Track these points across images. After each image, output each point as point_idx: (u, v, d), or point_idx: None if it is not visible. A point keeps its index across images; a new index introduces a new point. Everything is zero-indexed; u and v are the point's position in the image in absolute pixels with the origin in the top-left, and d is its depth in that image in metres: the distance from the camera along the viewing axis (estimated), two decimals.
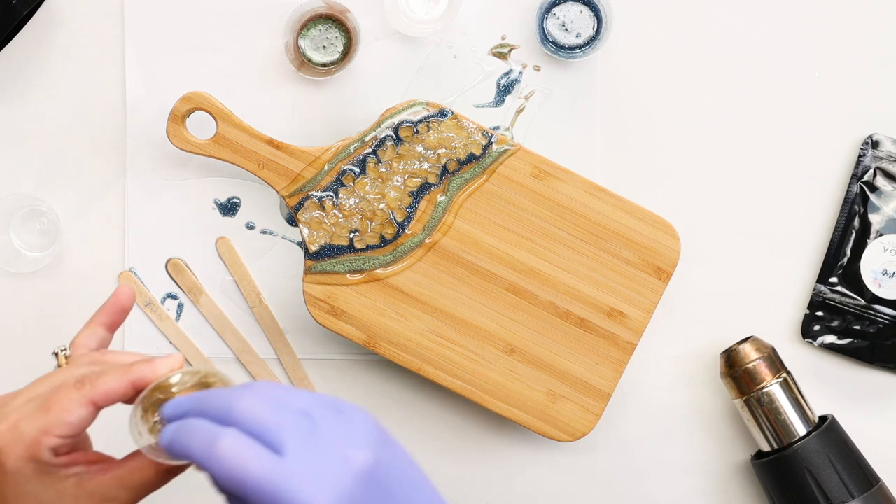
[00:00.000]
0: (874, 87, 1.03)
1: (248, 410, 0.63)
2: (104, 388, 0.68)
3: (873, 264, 1.01)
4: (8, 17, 0.97)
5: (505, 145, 0.98)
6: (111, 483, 0.70)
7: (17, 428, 0.68)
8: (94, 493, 0.69)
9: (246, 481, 0.61)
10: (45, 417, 0.68)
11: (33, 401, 0.69)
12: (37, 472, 0.68)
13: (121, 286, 0.77)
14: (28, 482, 0.68)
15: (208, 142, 0.98)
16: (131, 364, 0.69)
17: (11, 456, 0.68)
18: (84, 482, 0.69)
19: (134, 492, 0.70)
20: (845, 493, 0.95)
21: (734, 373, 0.98)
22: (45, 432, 0.68)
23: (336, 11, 0.99)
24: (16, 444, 0.68)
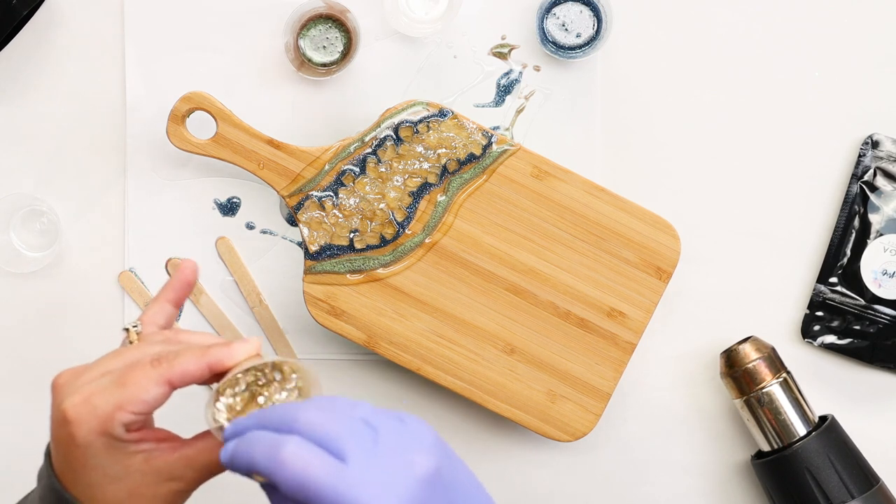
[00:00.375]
0: (874, 87, 1.03)
1: (311, 421, 0.63)
2: (181, 368, 0.68)
3: (873, 264, 1.01)
4: (8, 17, 0.97)
5: (505, 145, 0.98)
6: (179, 462, 0.70)
7: (90, 401, 0.68)
8: (162, 470, 0.70)
9: (311, 487, 0.61)
10: (120, 393, 0.68)
11: (108, 375, 0.69)
12: (107, 446, 0.69)
13: (186, 261, 0.77)
14: (97, 455, 0.69)
15: (208, 142, 0.98)
16: (209, 346, 0.70)
17: (84, 428, 0.68)
18: (152, 459, 0.70)
19: (200, 472, 0.70)
20: (845, 493, 0.95)
21: (734, 373, 0.98)
22: (120, 408, 0.68)
23: (336, 11, 0.99)
24: (89, 417, 0.68)
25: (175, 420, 0.78)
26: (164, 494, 0.70)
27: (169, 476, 0.70)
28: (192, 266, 0.77)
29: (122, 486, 0.69)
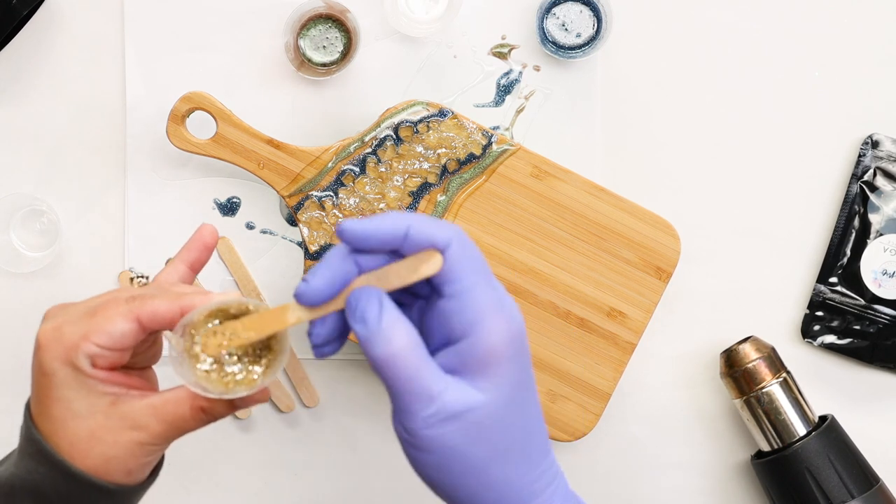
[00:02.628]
0: (874, 87, 1.03)
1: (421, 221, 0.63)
2: (152, 307, 0.67)
3: (873, 264, 1.01)
4: (8, 17, 0.97)
5: (505, 145, 0.98)
6: (144, 410, 0.68)
7: (60, 329, 0.68)
8: (126, 415, 0.68)
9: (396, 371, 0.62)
10: (88, 323, 0.67)
11: (84, 308, 0.69)
12: (73, 378, 0.67)
13: (204, 224, 0.76)
14: (62, 386, 0.68)
15: (208, 142, 0.98)
16: (185, 292, 0.69)
17: (49, 355, 0.68)
18: (119, 402, 0.68)
19: (166, 425, 0.68)
20: (845, 493, 0.95)
21: (734, 373, 0.98)
22: (85, 338, 0.67)
23: (336, 11, 0.99)
24: (55, 344, 0.67)
25: None
26: (125, 442, 0.68)
27: (132, 423, 0.68)
28: (211, 229, 0.75)
29: (84, 424, 0.68)
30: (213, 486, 1.03)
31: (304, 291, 0.63)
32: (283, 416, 1.03)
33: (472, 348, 0.62)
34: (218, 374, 0.67)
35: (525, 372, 0.64)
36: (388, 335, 0.61)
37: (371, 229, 0.62)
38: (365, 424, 1.03)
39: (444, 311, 0.63)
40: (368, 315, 0.62)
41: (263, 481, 1.03)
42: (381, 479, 1.03)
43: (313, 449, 1.03)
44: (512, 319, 0.63)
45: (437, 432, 0.62)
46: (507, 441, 0.63)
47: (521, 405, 0.64)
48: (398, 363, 0.61)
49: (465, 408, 0.62)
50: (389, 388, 0.62)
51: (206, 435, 1.02)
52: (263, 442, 1.03)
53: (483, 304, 0.62)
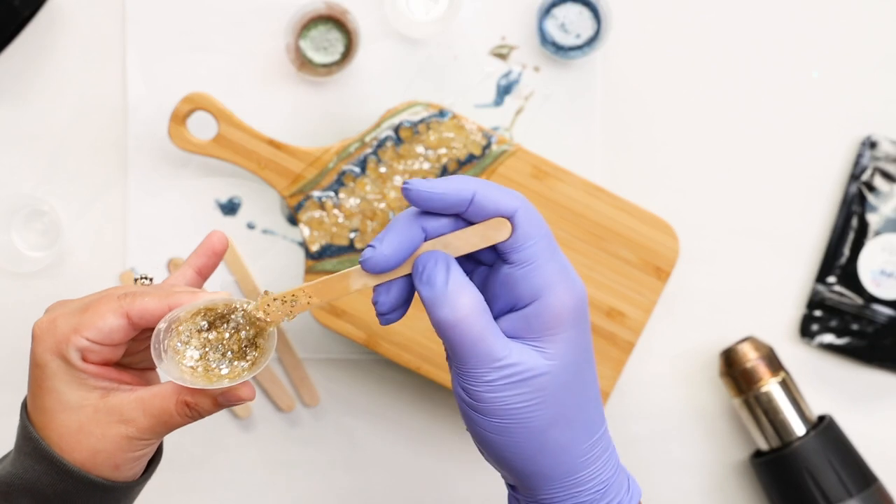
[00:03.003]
0: (872, 88, 1.03)
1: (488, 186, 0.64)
2: (142, 304, 0.68)
3: (871, 264, 1.02)
4: (10, 18, 0.97)
5: (504, 146, 0.98)
6: (132, 403, 0.69)
7: (54, 322, 0.69)
8: (114, 409, 0.68)
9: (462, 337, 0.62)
10: (79, 318, 0.68)
11: (80, 303, 0.70)
12: (64, 371, 0.68)
13: (214, 231, 0.76)
14: (53, 378, 0.69)
15: (209, 142, 0.98)
16: (176, 290, 0.69)
17: (41, 346, 0.69)
18: (108, 396, 0.69)
19: (152, 418, 0.69)
20: (843, 492, 0.95)
21: (733, 372, 0.99)
22: (75, 331, 0.68)
23: (336, 12, 0.99)
24: (48, 336, 0.68)
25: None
26: (113, 436, 0.68)
27: (120, 416, 0.68)
28: (221, 235, 0.75)
29: (74, 417, 0.68)
30: (213, 485, 1.03)
31: (370, 257, 0.64)
32: (283, 415, 1.03)
33: (538, 314, 0.63)
34: (203, 369, 0.67)
35: (586, 338, 0.65)
36: (454, 299, 0.62)
37: (438, 191, 0.63)
38: (365, 424, 1.03)
39: (511, 278, 0.64)
40: (436, 278, 0.62)
41: (264, 480, 1.03)
42: (381, 479, 1.03)
43: (313, 449, 1.03)
44: (576, 286, 0.64)
45: (500, 395, 0.62)
46: (567, 406, 0.64)
47: (582, 371, 0.65)
48: (464, 327, 0.62)
49: (529, 372, 0.62)
50: (454, 352, 0.63)
51: (207, 434, 1.02)
52: (264, 441, 1.03)
53: (550, 271, 0.63)
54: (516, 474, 0.65)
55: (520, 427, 0.63)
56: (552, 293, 0.63)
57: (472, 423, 0.64)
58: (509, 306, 0.64)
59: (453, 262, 0.63)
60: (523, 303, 0.63)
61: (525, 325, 0.63)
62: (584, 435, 0.65)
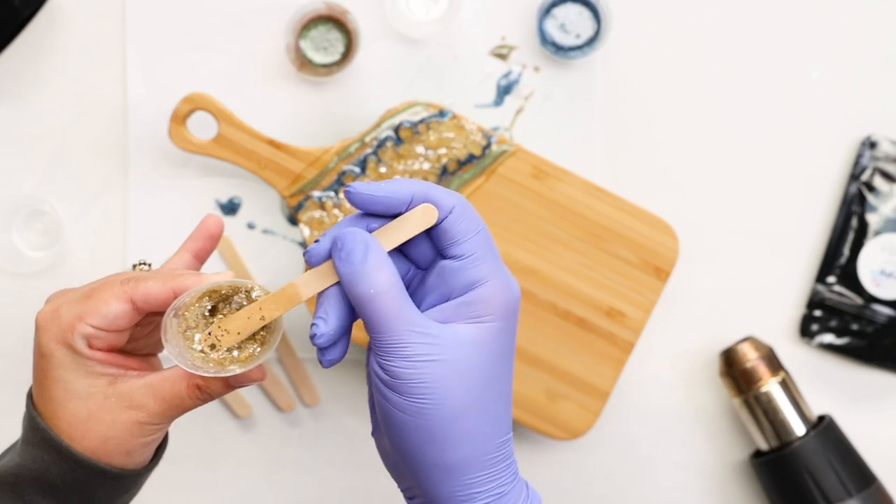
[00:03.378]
0: (872, 88, 1.04)
1: None
2: (145, 288, 0.68)
3: (871, 264, 1.02)
4: (10, 18, 0.98)
5: (504, 146, 0.98)
6: (142, 389, 0.69)
7: (57, 311, 0.69)
8: (124, 395, 0.68)
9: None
10: (83, 305, 0.68)
11: (82, 291, 0.70)
12: (70, 359, 0.68)
13: (209, 214, 0.76)
14: (60, 367, 0.69)
15: (209, 142, 0.98)
16: (178, 274, 0.69)
17: (46, 336, 0.69)
18: (116, 383, 0.69)
19: (164, 403, 0.69)
20: (843, 492, 0.95)
21: (733, 372, 0.99)
22: (80, 318, 0.68)
23: (336, 13, 0.99)
24: (52, 325, 0.68)
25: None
26: (123, 422, 0.68)
27: (130, 402, 0.68)
28: (216, 219, 0.75)
29: (83, 405, 0.68)
30: (213, 485, 1.03)
31: (311, 250, 0.65)
32: (283, 415, 1.03)
33: (469, 302, 0.64)
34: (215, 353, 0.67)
35: (510, 339, 0.66)
36: (373, 275, 0.63)
37: (378, 193, 0.64)
38: (365, 424, 1.03)
39: (448, 270, 0.65)
40: (354, 255, 0.63)
41: (264, 480, 1.03)
42: (381, 479, 1.03)
43: (314, 448, 1.03)
44: (510, 284, 0.65)
45: (416, 372, 0.62)
46: (480, 395, 0.64)
47: (500, 366, 0.65)
48: (382, 301, 0.63)
49: (447, 348, 0.63)
50: (372, 326, 0.63)
51: (208, 434, 1.02)
52: (264, 441, 1.03)
53: (486, 264, 0.65)
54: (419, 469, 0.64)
55: (432, 407, 0.63)
56: (486, 285, 0.64)
57: (387, 402, 0.63)
58: (443, 299, 0.65)
59: (373, 240, 0.64)
60: (456, 293, 0.65)
61: (454, 312, 0.64)
62: (492, 431, 0.65)
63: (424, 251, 0.67)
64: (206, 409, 1.02)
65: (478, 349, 0.64)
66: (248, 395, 1.03)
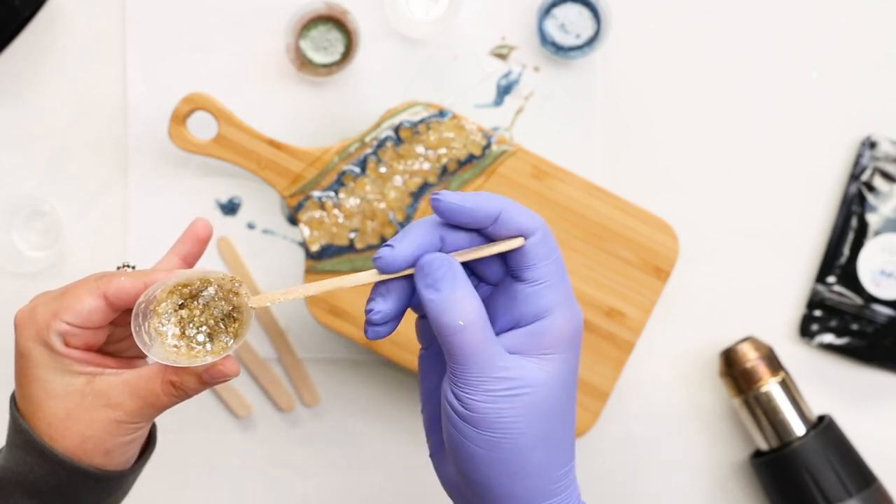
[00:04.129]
0: (872, 88, 1.04)
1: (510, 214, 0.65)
2: (118, 284, 0.68)
3: (871, 264, 1.02)
4: (10, 18, 0.98)
5: (504, 146, 0.98)
6: (119, 387, 0.69)
7: (34, 310, 0.69)
8: (101, 393, 0.68)
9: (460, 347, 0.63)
10: (58, 302, 0.68)
11: (59, 290, 0.70)
12: (48, 358, 0.68)
13: (198, 218, 0.76)
14: (38, 366, 0.69)
15: (209, 142, 0.98)
16: (152, 270, 0.69)
17: (23, 335, 0.69)
18: (94, 381, 0.69)
19: (140, 401, 0.68)
20: (843, 492, 0.95)
21: (733, 372, 0.99)
22: (55, 315, 0.68)
23: (336, 13, 0.99)
24: (29, 323, 0.69)
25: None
26: (101, 420, 0.68)
27: (107, 401, 0.68)
28: (204, 222, 0.75)
29: (61, 404, 0.68)
30: (213, 485, 1.03)
31: (386, 255, 0.64)
32: (283, 415, 1.03)
33: (542, 332, 0.64)
34: (186, 348, 0.67)
35: (577, 365, 0.66)
36: (461, 305, 0.62)
37: (467, 205, 0.64)
38: (365, 424, 1.03)
39: (520, 294, 0.65)
40: (442, 283, 0.63)
41: (264, 480, 1.03)
42: (382, 479, 1.03)
43: (313, 448, 1.03)
44: (577, 312, 0.65)
45: (497, 407, 0.62)
46: (554, 427, 0.64)
47: (570, 396, 0.66)
48: (468, 334, 0.62)
49: (528, 385, 0.63)
50: (454, 358, 0.63)
51: (207, 434, 1.02)
52: (264, 441, 1.03)
53: (558, 293, 0.64)
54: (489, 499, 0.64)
55: (508, 442, 0.63)
56: (557, 313, 0.64)
57: (461, 435, 0.63)
58: (511, 324, 0.65)
59: (459, 268, 0.63)
60: (527, 321, 0.64)
61: (526, 341, 0.64)
62: (563, 459, 0.65)
63: (495, 269, 0.67)
64: (207, 410, 1.02)
65: (552, 382, 0.64)
66: (248, 395, 1.03)
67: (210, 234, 0.75)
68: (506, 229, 0.64)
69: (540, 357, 0.64)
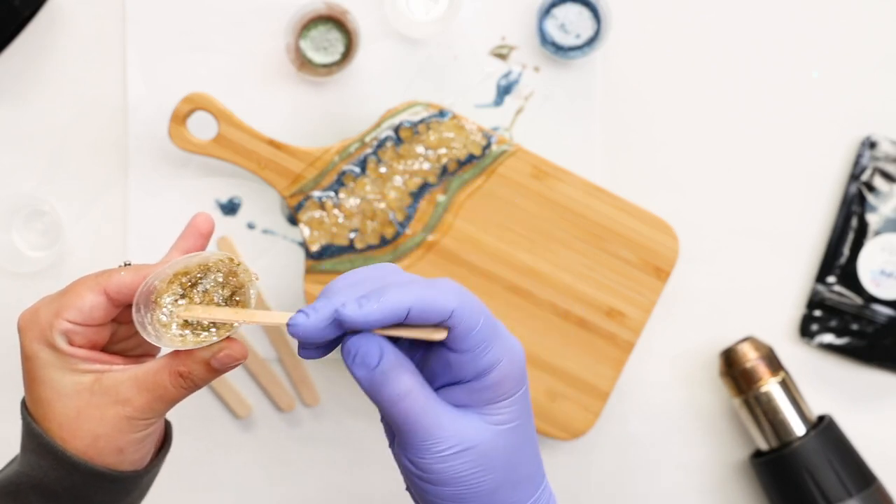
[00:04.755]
0: (872, 88, 1.04)
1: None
2: (118, 279, 0.68)
3: (871, 264, 1.02)
4: (10, 18, 0.98)
5: (504, 146, 0.98)
6: (126, 382, 0.68)
7: (37, 311, 0.69)
8: (110, 390, 0.68)
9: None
10: (59, 301, 0.68)
11: (60, 291, 0.70)
12: (54, 358, 0.68)
13: (199, 213, 0.75)
14: (45, 367, 0.68)
15: (209, 142, 0.98)
16: (151, 264, 0.69)
17: (28, 337, 0.68)
18: (102, 379, 0.68)
19: (148, 394, 0.68)
20: (843, 492, 0.95)
21: (733, 372, 0.99)
22: (57, 315, 0.68)
23: (336, 13, 0.99)
24: (32, 325, 0.68)
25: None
26: (111, 417, 0.68)
27: (116, 397, 0.68)
28: (205, 216, 0.74)
29: (71, 403, 0.68)
30: (213, 485, 1.03)
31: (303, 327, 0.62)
32: (283, 415, 1.03)
33: (484, 388, 0.64)
34: (192, 335, 0.67)
35: (526, 396, 0.66)
36: (392, 377, 0.62)
37: (373, 319, 0.61)
38: (365, 424, 1.03)
39: (456, 362, 0.64)
40: (369, 360, 0.62)
41: (264, 480, 1.03)
42: (382, 479, 1.03)
43: (314, 448, 1.03)
44: (516, 352, 0.65)
45: (450, 465, 0.63)
46: (513, 466, 0.65)
47: (525, 432, 0.66)
48: (408, 402, 0.62)
49: (476, 440, 0.63)
50: (400, 428, 0.63)
51: (207, 434, 1.02)
52: (264, 441, 1.03)
53: (493, 353, 0.64)
54: None
55: (470, 492, 0.63)
56: (497, 369, 0.63)
57: (424, 493, 0.64)
58: (452, 380, 0.64)
59: (385, 342, 0.62)
60: (468, 378, 0.64)
61: (469, 396, 0.64)
62: (530, 490, 0.66)
63: None
64: (206, 410, 1.02)
65: (503, 430, 0.64)
66: (248, 395, 1.03)
67: (212, 228, 0.75)
68: (421, 319, 0.62)
69: (487, 409, 0.64)
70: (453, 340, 0.63)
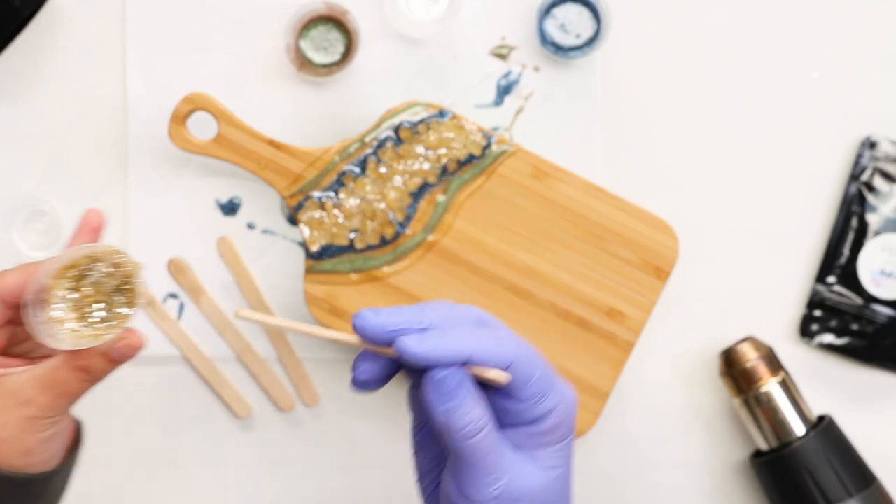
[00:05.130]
0: (872, 88, 1.04)
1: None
2: (5, 280, 0.68)
3: (871, 264, 1.02)
4: (10, 18, 0.98)
5: (504, 146, 0.98)
6: (27, 383, 0.67)
7: None
8: (11, 392, 0.67)
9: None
10: None
11: None
12: None
13: (90, 209, 0.75)
14: None
15: (209, 142, 0.98)
16: (36, 262, 0.69)
17: None
18: (3, 383, 0.68)
19: (52, 392, 0.67)
20: (843, 492, 0.95)
21: (733, 372, 0.99)
22: None
23: (336, 13, 0.99)
24: None
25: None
26: (16, 420, 0.67)
27: (18, 399, 0.67)
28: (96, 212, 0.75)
29: None
30: (213, 485, 1.03)
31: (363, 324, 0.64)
32: (283, 415, 1.03)
33: (538, 432, 0.66)
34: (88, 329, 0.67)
35: (573, 444, 0.68)
36: (473, 413, 0.63)
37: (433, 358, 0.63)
38: (365, 424, 1.03)
39: (515, 408, 0.66)
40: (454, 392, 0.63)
41: (264, 480, 1.03)
42: (382, 479, 1.03)
43: (313, 448, 1.03)
44: (569, 399, 0.67)
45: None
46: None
47: (568, 478, 0.68)
48: (478, 439, 0.63)
49: (530, 488, 0.65)
50: (462, 459, 0.64)
51: (208, 434, 1.02)
52: (264, 441, 1.03)
53: (550, 401, 0.66)
54: None
55: None
56: (554, 415, 0.66)
57: None
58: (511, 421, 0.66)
59: (468, 376, 0.64)
60: (525, 423, 0.66)
61: (528, 439, 0.66)
62: None
63: None
64: (207, 410, 1.02)
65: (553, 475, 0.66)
66: (248, 395, 1.03)
67: (102, 222, 0.75)
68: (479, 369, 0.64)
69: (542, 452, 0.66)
70: (513, 389, 0.65)
